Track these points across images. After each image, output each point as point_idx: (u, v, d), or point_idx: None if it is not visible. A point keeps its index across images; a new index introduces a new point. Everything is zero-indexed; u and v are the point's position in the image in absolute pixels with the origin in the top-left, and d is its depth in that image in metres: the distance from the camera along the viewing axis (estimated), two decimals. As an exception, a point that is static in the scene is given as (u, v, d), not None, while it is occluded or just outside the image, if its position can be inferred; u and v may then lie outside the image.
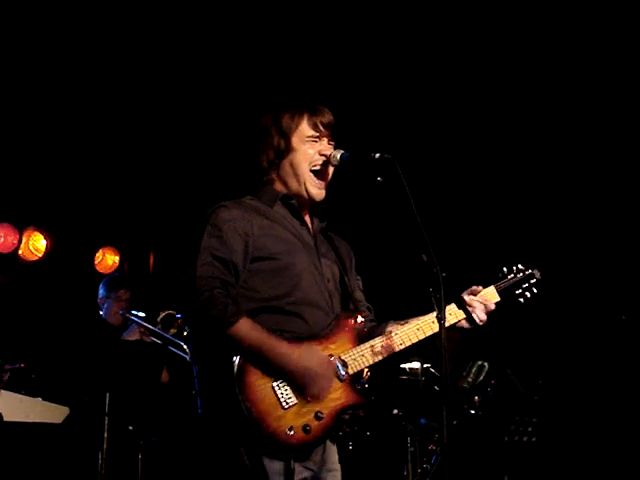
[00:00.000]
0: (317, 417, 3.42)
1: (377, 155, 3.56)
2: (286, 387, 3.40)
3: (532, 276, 4.03)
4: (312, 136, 3.81)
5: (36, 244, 8.31)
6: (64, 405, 6.04)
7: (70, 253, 8.52)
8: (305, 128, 3.82)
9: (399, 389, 5.72)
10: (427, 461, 5.85)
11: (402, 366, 6.03)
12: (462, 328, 3.80)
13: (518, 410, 5.75)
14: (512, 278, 4.01)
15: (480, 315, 3.76)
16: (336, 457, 3.69)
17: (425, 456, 5.92)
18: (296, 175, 3.79)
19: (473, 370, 6.17)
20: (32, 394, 5.96)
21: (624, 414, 7.44)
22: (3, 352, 6.56)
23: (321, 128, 3.82)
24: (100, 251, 8.74)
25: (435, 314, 3.30)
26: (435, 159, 8.07)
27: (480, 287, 3.88)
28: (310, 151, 3.80)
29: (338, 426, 3.50)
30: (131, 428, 6.32)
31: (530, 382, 5.84)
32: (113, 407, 6.06)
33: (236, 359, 3.38)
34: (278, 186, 3.84)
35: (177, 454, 6.93)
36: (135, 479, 6.24)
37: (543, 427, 5.84)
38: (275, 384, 3.40)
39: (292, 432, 3.36)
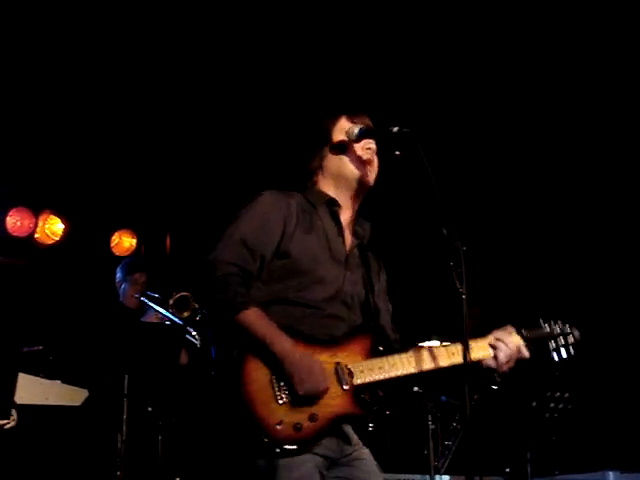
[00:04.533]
0: (311, 418, 3.35)
1: (395, 129, 3.52)
2: (283, 382, 3.34)
3: (569, 334, 3.79)
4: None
5: (52, 228, 8.33)
6: (83, 387, 6.04)
7: (87, 236, 8.52)
8: (344, 123, 3.77)
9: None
10: (448, 438, 5.83)
11: (421, 344, 5.98)
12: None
13: (543, 385, 5.70)
14: (548, 331, 3.77)
15: (502, 358, 3.62)
16: (357, 439, 3.60)
17: (446, 434, 5.90)
18: (344, 167, 3.72)
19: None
20: (50, 377, 5.95)
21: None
22: (21, 335, 6.57)
23: (360, 123, 3.75)
24: (116, 234, 8.74)
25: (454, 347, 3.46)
26: (456, 133, 8.00)
27: (513, 329, 3.70)
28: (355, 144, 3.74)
29: (330, 431, 3.43)
30: (150, 409, 6.31)
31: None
32: (132, 389, 6.04)
33: (238, 346, 3.37)
34: (324, 187, 3.77)
35: (196, 435, 6.92)
36: (155, 460, 6.24)
37: (573, 401, 5.79)
38: (274, 377, 3.35)
39: (281, 427, 3.29)
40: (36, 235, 8.18)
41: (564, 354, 3.76)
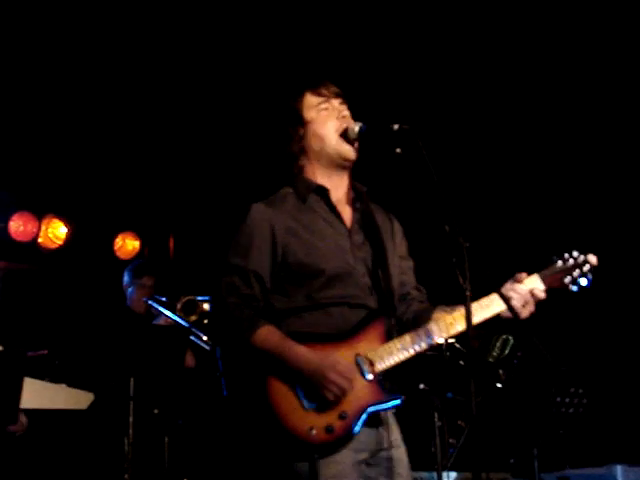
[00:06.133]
0: (341, 417, 3.37)
1: (396, 126, 3.50)
2: (306, 389, 3.37)
3: (585, 262, 3.64)
4: (320, 102, 3.75)
5: (56, 232, 8.31)
6: (89, 391, 6.04)
7: (90, 240, 8.52)
8: (310, 99, 3.76)
9: (424, 364, 5.68)
10: (454, 436, 5.82)
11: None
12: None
13: (547, 381, 5.70)
14: (561, 265, 3.63)
15: (517, 305, 3.52)
16: (396, 435, 3.61)
17: (453, 431, 5.89)
18: (324, 144, 3.71)
19: (497, 344, 6.13)
20: (56, 380, 5.96)
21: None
22: (26, 339, 6.57)
23: (326, 92, 3.76)
24: (120, 236, 8.73)
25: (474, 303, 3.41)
26: (457, 128, 7.98)
27: (524, 274, 3.59)
28: (328, 118, 3.72)
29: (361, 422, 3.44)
30: (156, 412, 6.31)
31: (557, 353, 5.79)
32: (138, 391, 6.05)
33: (258, 365, 3.42)
34: (310, 172, 3.75)
35: (203, 436, 6.93)
36: (162, 462, 6.24)
37: (587, 397, 5.79)
38: (296, 386, 3.38)
39: (314, 432, 3.32)
40: (39, 239, 8.17)
41: (583, 283, 3.62)
